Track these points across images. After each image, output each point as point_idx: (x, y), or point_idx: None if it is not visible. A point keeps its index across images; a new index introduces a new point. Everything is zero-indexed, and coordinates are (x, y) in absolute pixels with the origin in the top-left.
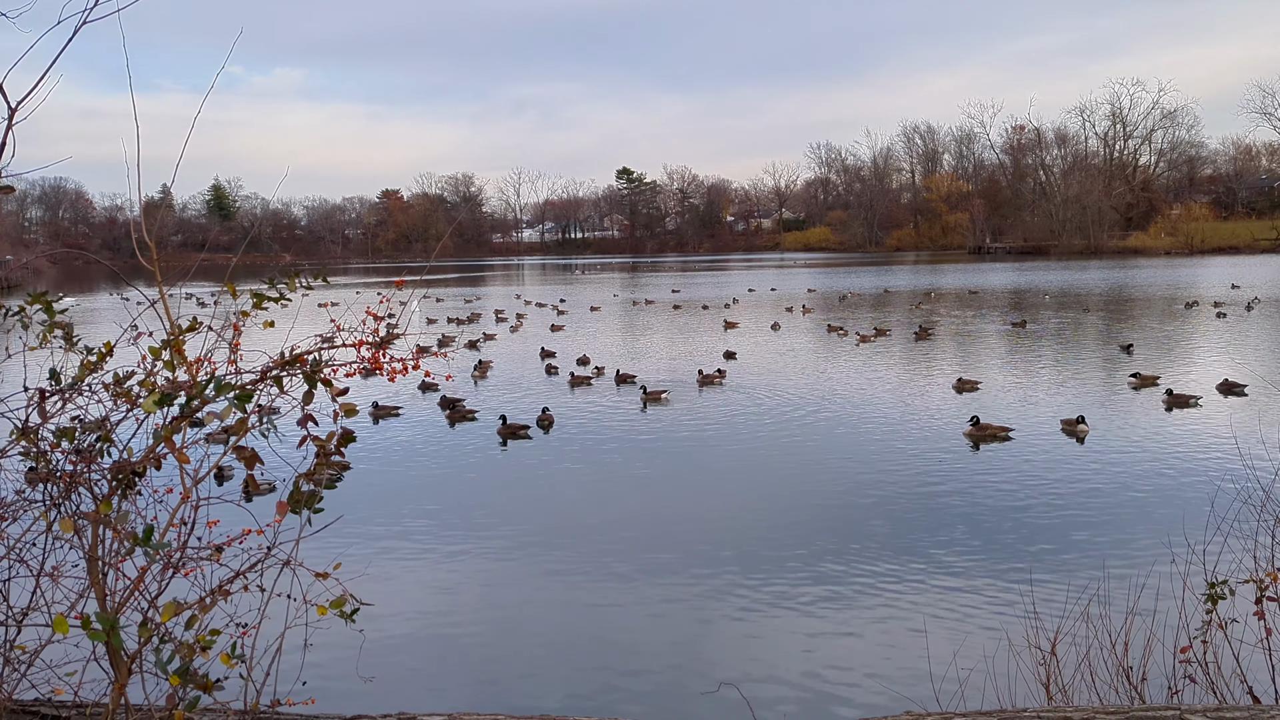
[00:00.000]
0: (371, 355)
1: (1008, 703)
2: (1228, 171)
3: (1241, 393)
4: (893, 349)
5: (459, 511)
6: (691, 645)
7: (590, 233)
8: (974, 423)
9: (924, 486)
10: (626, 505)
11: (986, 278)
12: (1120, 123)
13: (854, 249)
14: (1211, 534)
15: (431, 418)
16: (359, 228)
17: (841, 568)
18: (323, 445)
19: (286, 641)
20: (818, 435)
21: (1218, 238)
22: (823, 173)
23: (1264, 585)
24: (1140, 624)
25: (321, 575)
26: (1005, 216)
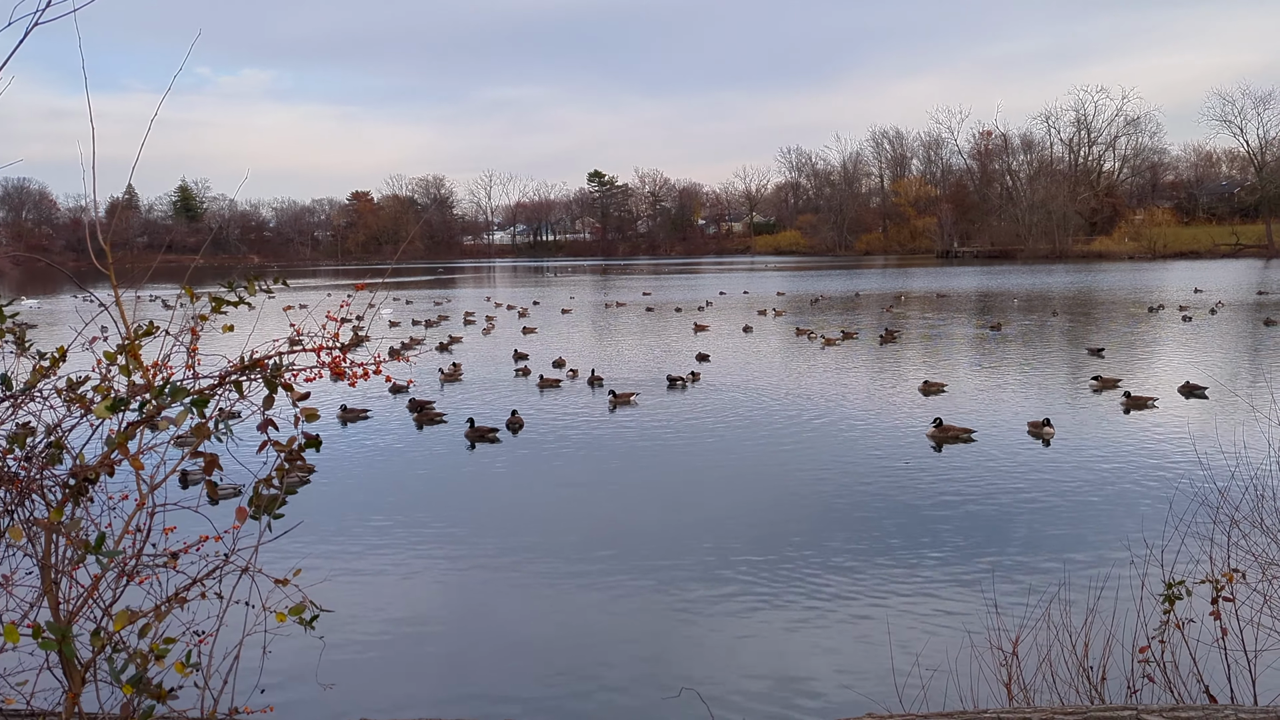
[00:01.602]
0: (332, 360)
1: (970, 703)
2: (1189, 178)
3: (1203, 395)
4: (860, 352)
5: (424, 516)
6: (656, 649)
7: (562, 235)
8: (936, 424)
9: (889, 488)
10: (593, 509)
11: (954, 281)
12: (1085, 129)
13: (824, 252)
14: (1169, 535)
15: (400, 421)
16: (328, 230)
17: (805, 570)
18: (285, 450)
19: (245, 649)
20: (784, 438)
21: (1179, 242)
22: (793, 177)
23: (1220, 586)
24: (1100, 624)
25: (281, 582)
26: (972, 221)
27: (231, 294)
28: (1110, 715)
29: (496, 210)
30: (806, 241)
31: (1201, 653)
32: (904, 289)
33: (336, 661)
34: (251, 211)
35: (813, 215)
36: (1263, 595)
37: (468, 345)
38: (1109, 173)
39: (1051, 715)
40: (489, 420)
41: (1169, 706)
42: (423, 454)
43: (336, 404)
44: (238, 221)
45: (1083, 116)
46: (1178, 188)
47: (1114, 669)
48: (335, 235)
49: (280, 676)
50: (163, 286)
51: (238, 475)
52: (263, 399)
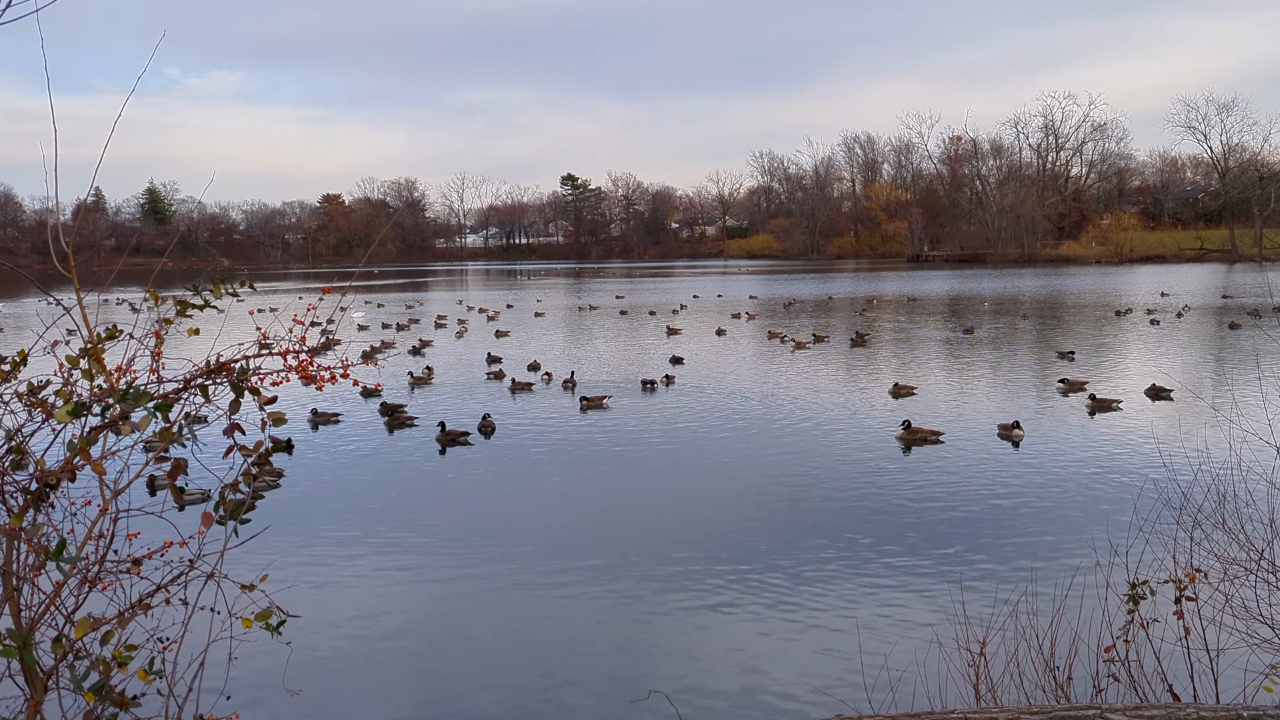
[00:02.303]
0: (299, 363)
1: (938, 703)
2: (1155, 183)
3: (1169, 397)
4: (831, 355)
5: (394, 520)
6: (625, 653)
7: (535, 238)
8: (905, 426)
9: (858, 491)
10: (564, 513)
11: (925, 285)
12: (1053, 135)
13: (796, 256)
14: (1134, 536)
15: (371, 424)
16: (299, 232)
17: (775, 573)
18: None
19: (210, 656)
20: (754, 441)
21: (1145, 247)
22: (765, 181)
23: (1182, 586)
24: (1066, 625)
25: (247, 587)
26: (943, 225)
27: (197, 297)
28: (1075, 714)
29: (469, 213)
30: (779, 245)
31: (1165, 652)
32: (876, 293)
33: (304, 668)
34: (221, 214)
35: (785, 219)
36: (1224, 595)
37: (440, 349)
38: (1076, 178)
39: (1018, 715)
40: (461, 424)
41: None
42: (393, 458)
43: (307, 408)
44: (207, 224)
45: (1050, 122)
46: (1143, 193)
47: (1080, 669)
48: (306, 238)
49: (246, 683)
50: (131, 290)
51: (205, 480)
52: (229, 403)
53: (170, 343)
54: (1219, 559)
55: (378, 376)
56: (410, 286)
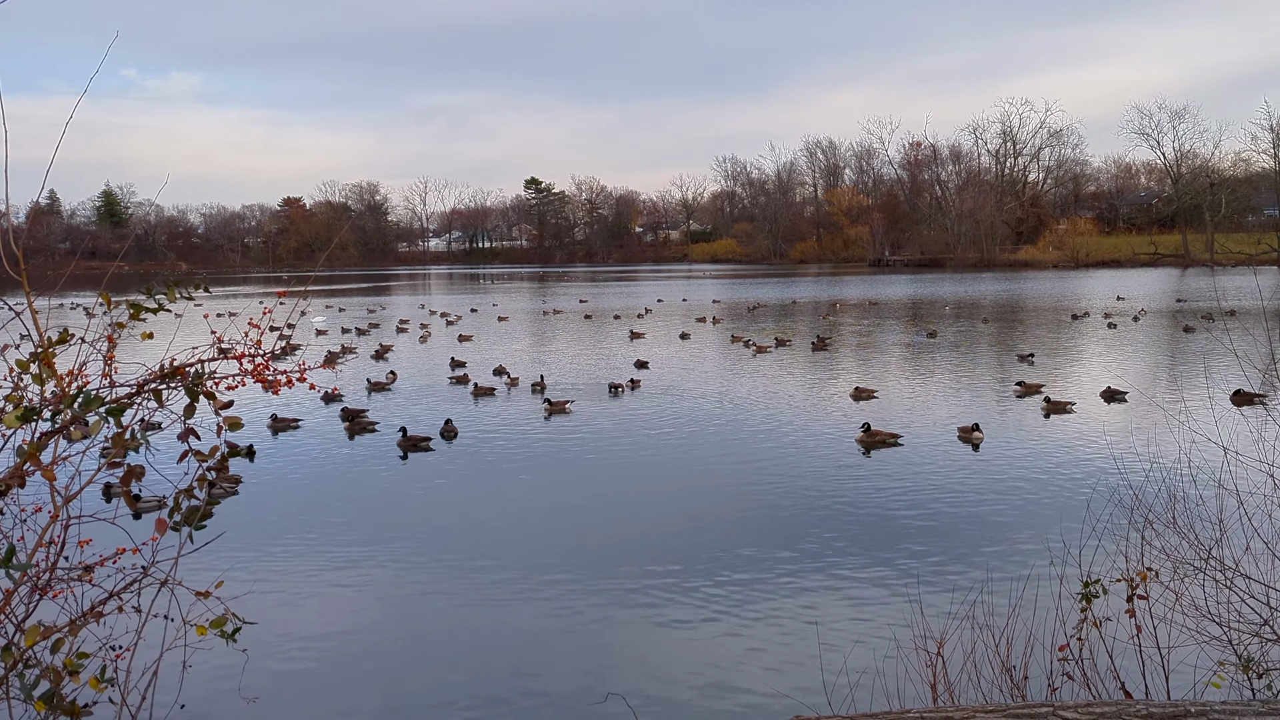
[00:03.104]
0: (255, 367)
1: (897, 704)
2: (1110, 189)
3: (1123, 399)
4: (794, 359)
5: (353, 526)
6: (585, 657)
7: (498, 242)
8: (865, 429)
9: (819, 493)
10: (525, 518)
11: (887, 289)
12: (1010, 141)
13: (759, 260)
14: (1087, 536)
15: (331, 430)
16: (259, 236)
17: (735, 575)
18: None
19: (164, 664)
20: (716, 445)
21: (1101, 251)
22: (728, 185)
23: (1134, 584)
24: (1022, 624)
25: (202, 594)
26: (903, 230)
27: (150, 301)
28: (1028, 712)
29: (432, 217)
30: (742, 250)
31: (1118, 650)
32: (838, 297)
33: (260, 676)
34: (179, 217)
35: (748, 224)
36: (1175, 593)
37: (403, 353)
38: (1034, 183)
39: (973, 714)
40: (423, 429)
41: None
42: (354, 463)
43: (267, 413)
44: (164, 227)
45: (1008, 128)
46: (1099, 198)
47: (1035, 667)
48: (267, 242)
49: (201, 692)
50: (85, 294)
51: (163, 487)
52: (184, 408)
53: (124, 347)
54: (1170, 558)
55: (335, 380)
56: (372, 291)
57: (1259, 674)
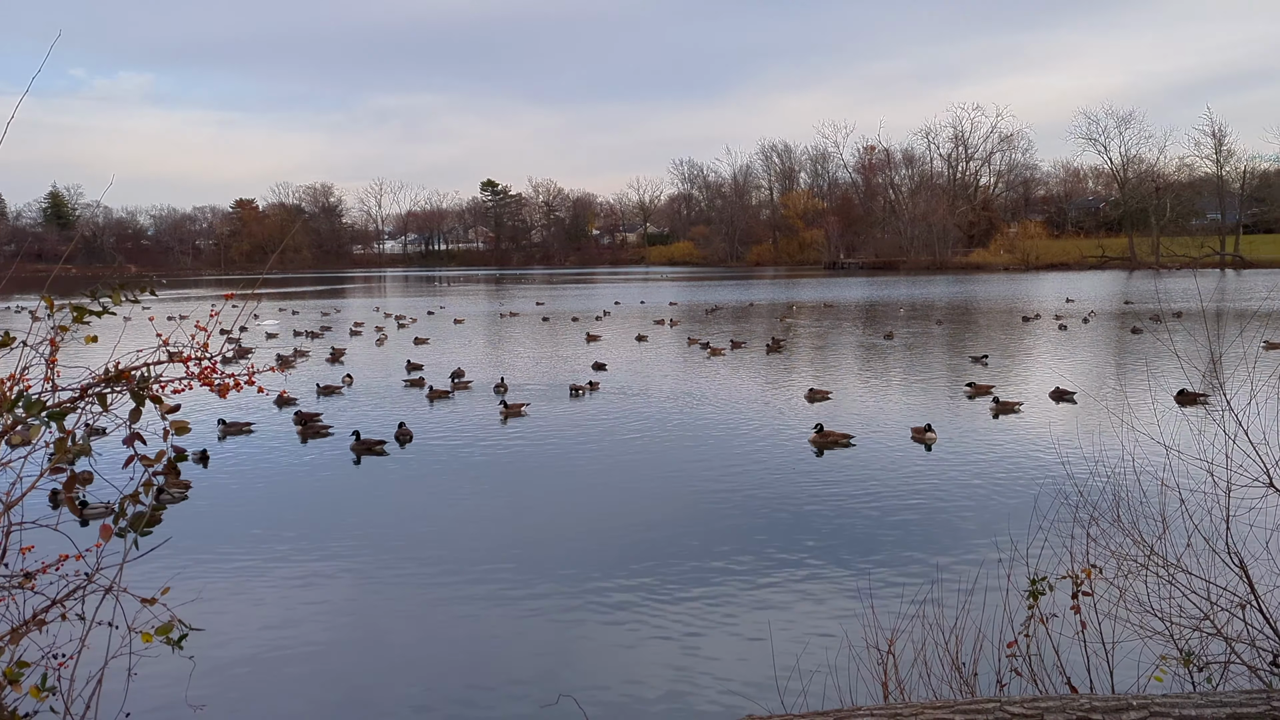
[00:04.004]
0: (202, 370)
1: (849, 701)
2: (1059, 193)
3: (1071, 400)
4: (750, 361)
5: (305, 531)
6: (538, 659)
7: (455, 245)
8: (818, 430)
9: (773, 494)
10: (479, 522)
11: (842, 292)
12: (962, 145)
13: (716, 263)
14: (1034, 534)
15: (284, 434)
16: (211, 238)
17: (689, 576)
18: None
19: (108, 672)
20: (670, 446)
21: (1050, 254)
22: (685, 189)
23: (1079, 581)
24: (971, 621)
25: (148, 601)
26: (858, 233)
27: (95, 303)
28: (975, 708)
29: (387, 219)
30: (699, 253)
31: (1064, 645)
32: (795, 299)
33: (208, 682)
34: (128, 219)
35: (705, 227)
36: (1119, 589)
37: (359, 357)
38: (985, 187)
39: (921, 710)
40: (377, 432)
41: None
42: (306, 467)
43: (215, 417)
44: (113, 229)
45: (960, 133)
46: (1048, 202)
47: (984, 664)
48: (218, 244)
49: (147, 699)
50: (30, 297)
51: (109, 492)
52: (129, 412)
53: (67, 351)
54: (1114, 555)
55: (285, 384)
56: (327, 294)
57: (1199, 667)
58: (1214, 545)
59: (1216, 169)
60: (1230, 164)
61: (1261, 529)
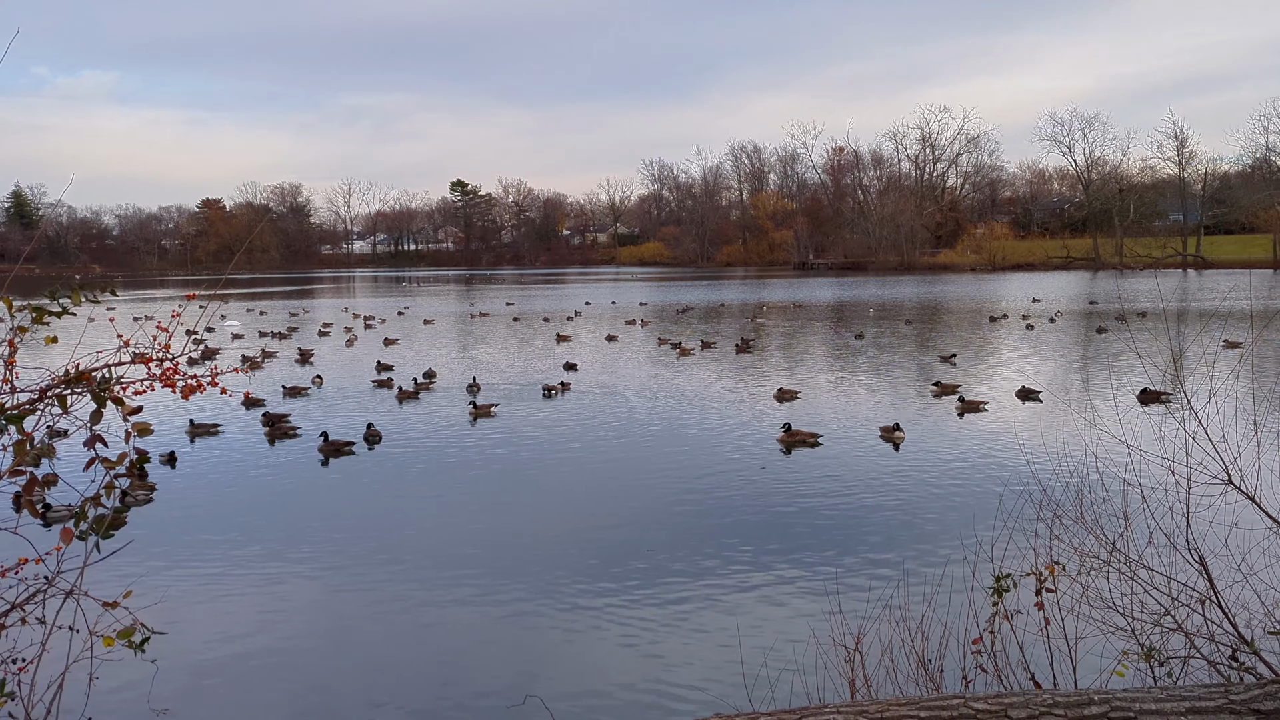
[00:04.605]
0: (163, 371)
1: (816, 699)
2: (1025, 194)
3: (1037, 399)
4: (719, 361)
5: (271, 532)
6: (506, 660)
7: (424, 245)
8: (786, 429)
9: (741, 493)
10: (449, 522)
11: (812, 293)
12: (929, 146)
13: (686, 264)
14: (999, 531)
15: (252, 435)
16: (177, 238)
17: (658, 576)
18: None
19: (70, 677)
20: (639, 446)
21: (1016, 255)
22: (656, 189)
23: (1043, 578)
24: (937, 618)
25: (109, 605)
26: (827, 234)
27: (54, 304)
28: (940, 704)
29: (356, 219)
30: (670, 253)
31: (1028, 642)
32: (764, 300)
33: (170, 686)
34: (93, 218)
35: (675, 227)
36: (1082, 586)
37: (328, 357)
38: (952, 189)
39: (887, 707)
40: (345, 433)
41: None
42: (273, 469)
43: (186, 419)
44: (77, 229)
45: (927, 135)
46: (1014, 203)
47: (949, 660)
48: (184, 244)
49: (108, 704)
50: None
51: (72, 496)
52: (90, 414)
53: (27, 351)
54: (1077, 552)
55: (248, 384)
56: (296, 294)
57: (1160, 662)
58: (1175, 542)
59: (1178, 171)
60: (1192, 166)
61: (1221, 525)
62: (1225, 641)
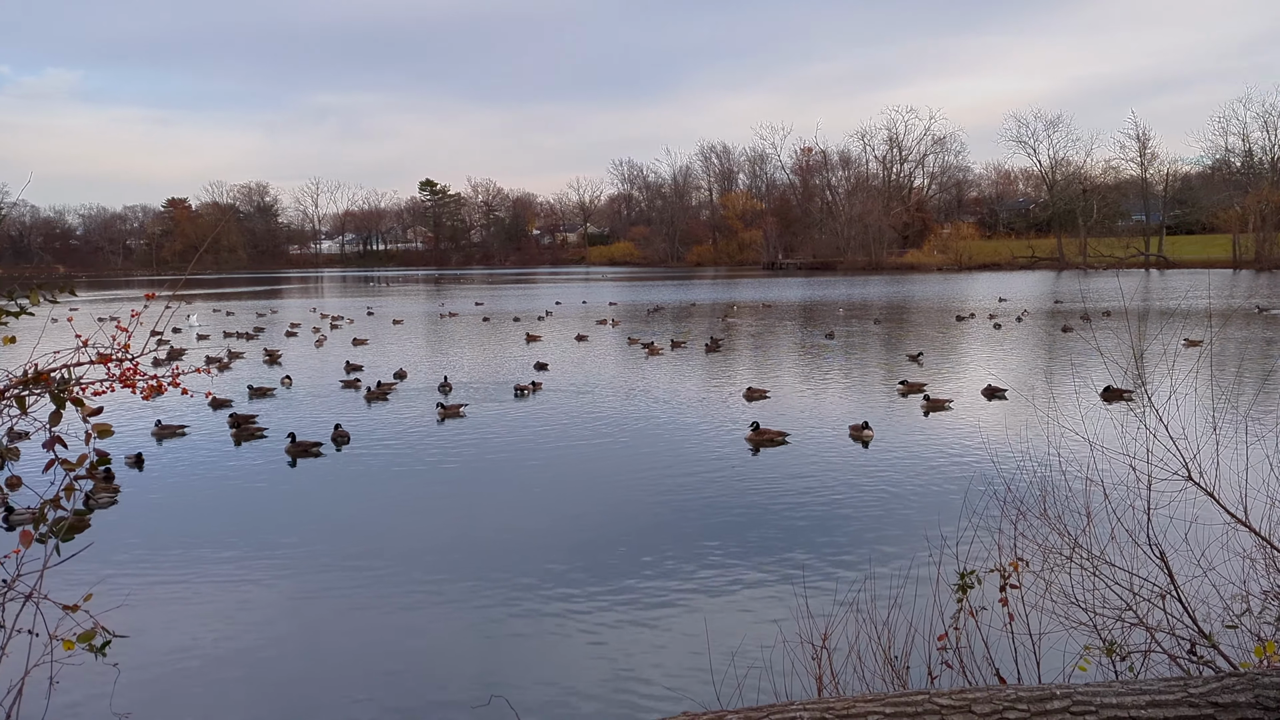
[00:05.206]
0: (123, 372)
1: (784, 696)
2: (990, 194)
3: (1003, 396)
4: (689, 361)
5: (237, 534)
6: (474, 660)
7: (393, 245)
8: (754, 428)
9: (710, 492)
10: (418, 522)
11: (781, 292)
12: (896, 147)
13: (657, 264)
14: (964, 528)
15: (218, 436)
16: (143, 238)
17: (627, 575)
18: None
19: (30, 681)
20: (609, 445)
21: (982, 255)
22: (625, 189)
23: (1006, 574)
24: (904, 615)
25: (70, 608)
26: (795, 234)
27: (12, 304)
28: (905, 700)
29: (324, 219)
30: (639, 253)
31: (992, 638)
32: (734, 299)
33: (133, 690)
34: (56, 218)
35: (645, 227)
36: (1045, 581)
37: (296, 358)
38: (919, 189)
39: (852, 704)
40: (313, 434)
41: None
42: (240, 470)
43: (152, 420)
44: (40, 228)
45: (895, 135)
46: (980, 204)
47: (916, 657)
48: (150, 244)
49: (70, 709)
50: None
51: (31, 498)
52: (49, 415)
53: None
54: (1041, 548)
55: (210, 385)
56: (263, 294)
57: (1122, 656)
58: (1136, 537)
59: (1141, 172)
60: (1154, 167)
61: (1181, 521)
62: (1185, 635)
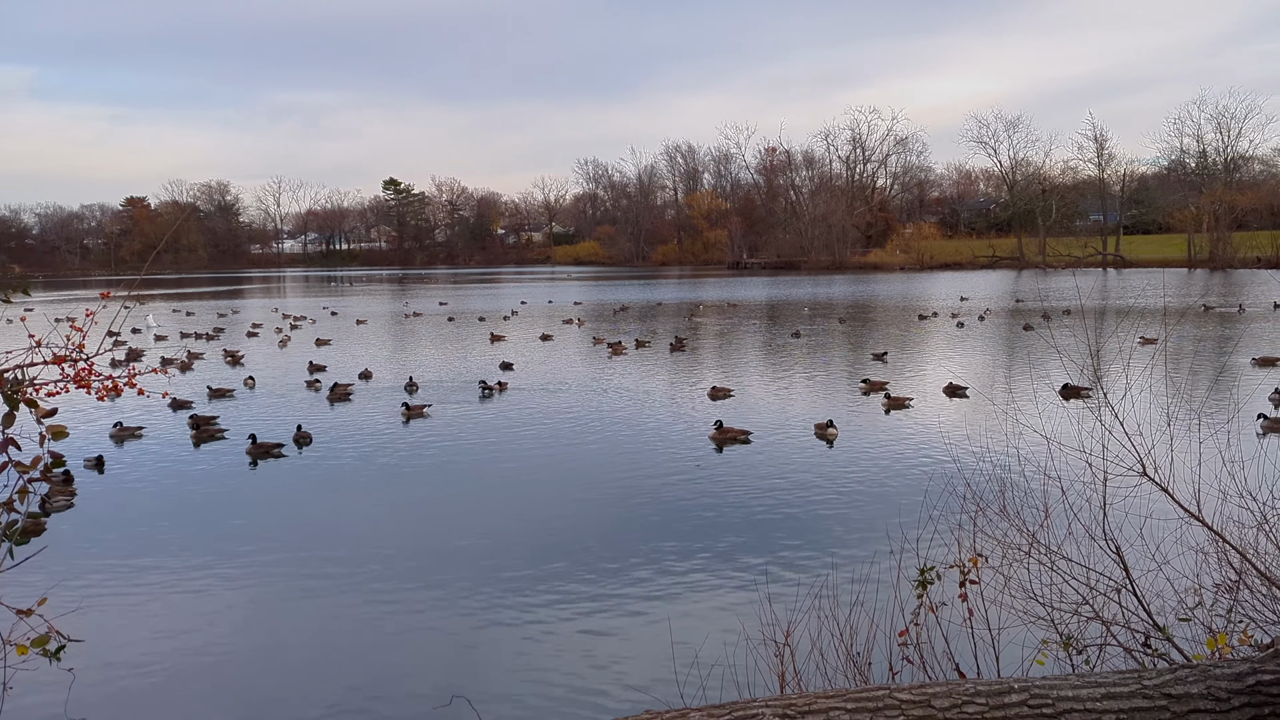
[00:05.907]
0: (76, 373)
1: (746, 694)
2: (951, 194)
3: (964, 395)
4: (653, 360)
5: (197, 536)
6: (436, 660)
7: (357, 244)
8: (717, 426)
9: (672, 490)
10: (380, 523)
11: (746, 292)
12: (859, 147)
13: (622, 263)
14: (925, 524)
15: (177, 438)
16: (100, 237)
17: (589, 574)
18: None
19: None
20: (573, 445)
21: (944, 254)
22: (591, 188)
23: (965, 570)
24: (865, 612)
25: (24, 613)
26: (760, 234)
27: None
28: (866, 696)
29: (286, 218)
30: (605, 252)
31: (952, 633)
32: (700, 299)
33: (89, 695)
34: (11, 217)
35: (611, 227)
36: (1004, 577)
37: (259, 358)
38: (881, 189)
39: (814, 700)
40: (275, 435)
41: (919, 685)
42: (199, 472)
43: (111, 422)
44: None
45: (858, 135)
46: (942, 204)
47: (877, 653)
48: (108, 243)
49: (24, 715)
50: None
51: None
52: (2, 416)
53: None
54: (999, 543)
55: (168, 385)
56: (224, 294)
57: (1078, 650)
58: (1092, 532)
59: (1098, 172)
60: (1111, 167)
61: (1136, 516)
62: (1140, 628)
